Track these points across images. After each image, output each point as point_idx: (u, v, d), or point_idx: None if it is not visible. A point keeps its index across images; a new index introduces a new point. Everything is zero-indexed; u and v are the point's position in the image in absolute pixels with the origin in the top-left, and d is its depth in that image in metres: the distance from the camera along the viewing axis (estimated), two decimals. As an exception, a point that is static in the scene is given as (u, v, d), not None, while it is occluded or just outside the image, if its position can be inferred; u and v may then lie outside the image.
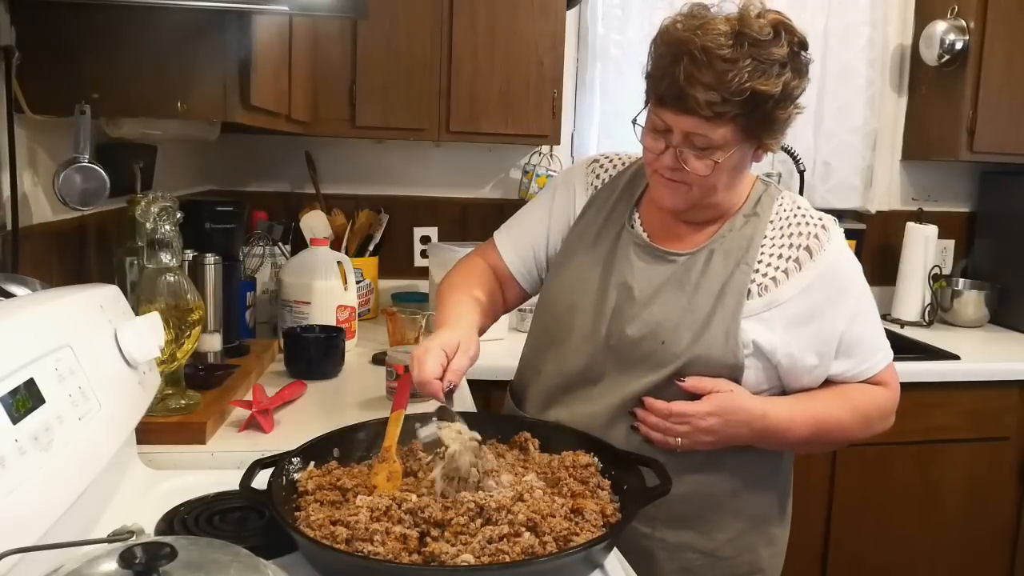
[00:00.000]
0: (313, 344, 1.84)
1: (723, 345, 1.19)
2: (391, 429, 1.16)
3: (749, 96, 1.11)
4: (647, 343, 1.22)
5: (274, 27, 1.57)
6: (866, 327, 1.27)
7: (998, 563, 2.44)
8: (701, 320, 1.20)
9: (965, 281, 2.89)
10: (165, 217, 1.30)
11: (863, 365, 1.28)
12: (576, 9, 2.58)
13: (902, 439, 2.30)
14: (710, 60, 1.10)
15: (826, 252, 1.22)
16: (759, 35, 1.11)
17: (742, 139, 1.17)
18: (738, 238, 1.25)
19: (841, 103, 2.76)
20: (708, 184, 1.20)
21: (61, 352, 0.93)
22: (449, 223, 2.67)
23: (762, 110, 1.14)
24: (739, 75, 1.09)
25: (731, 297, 1.20)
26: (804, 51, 1.16)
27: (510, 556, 0.87)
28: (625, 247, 1.29)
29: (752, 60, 1.10)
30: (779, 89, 1.12)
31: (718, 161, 1.17)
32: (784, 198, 1.30)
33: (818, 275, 1.21)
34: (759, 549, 1.32)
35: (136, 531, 0.93)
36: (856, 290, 1.26)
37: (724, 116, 1.13)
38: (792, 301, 1.21)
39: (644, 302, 1.24)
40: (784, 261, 1.22)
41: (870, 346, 1.28)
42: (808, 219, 1.26)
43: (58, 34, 1.28)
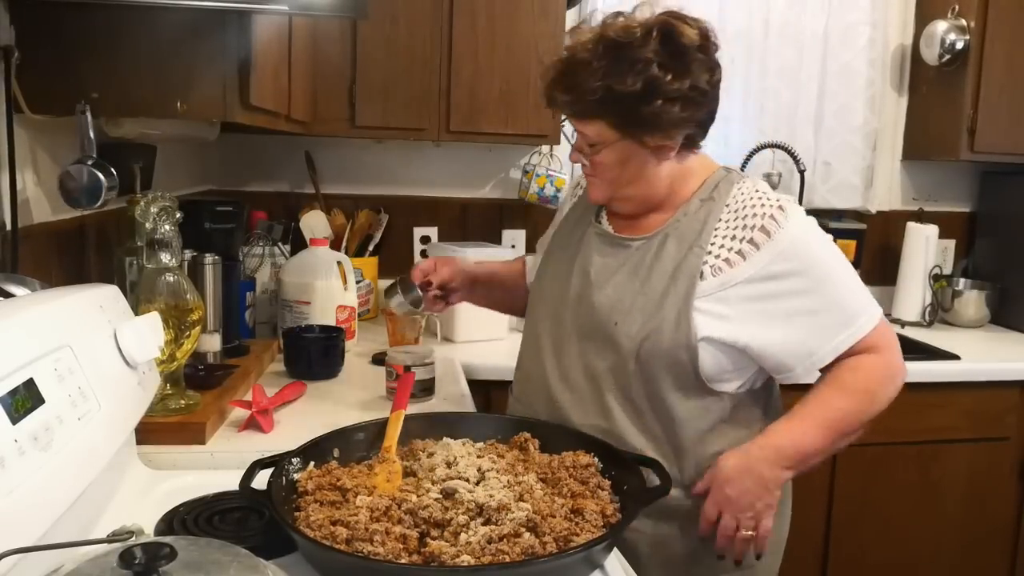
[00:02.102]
0: (313, 344, 1.84)
1: (674, 326, 1.22)
2: (391, 429, 1.16)
3: (604, 95, 1.19)
4: (602, 325, 1.27)
5: (274, 27, 1.56)
6: (837, 297, 1.25)
7: (998, 563, 2.44)
8: (654, 302, 1.24)
9: (965, 281, 2.88)
10: (165, 217, 1.30)
11: (843, 334, 1.24)
12: (576, 9, 2.58)
13: (902, 439, 2.31)
14: (569, 64, 1.22)
15: (784, 231, 1.22)
16: (621, 38, 1.19)
17: (619, 135, 1.23)
18: (692, 222, 1.28)
19: (841, 103, 2.76)
20: (608, 178, 1.29)
21: (61, 352, 0.92)
22: (449, 223, 2.67)
23: (625, 106, 1.19)
24: (591, 77, 1.19)
25: (683, 279, 1.23)
26: (689, 51, 1.20)
27: (510, 556, 0.87)
28: (589, 239, 1.36)
29: (608, 62, 1.18)
30: (639, 87, 1.17)
31: (601, 151, 1.25)
32: (745, 183, 1.30)
33: (778, 254, 1.21)
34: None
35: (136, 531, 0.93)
36: (821, 263, 1.25)
37: (586, 114, 1.23)
38: (751, 281, 1.22)
39: (600, 286, 1.30)
40: (738, 242, 1.23)
41: (847, 314, 1.25)
42: (765, 201, 1.25)
43: (58, 34, 1.28)
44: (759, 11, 2.67)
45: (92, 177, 1.29)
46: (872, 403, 1.26)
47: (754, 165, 2.72)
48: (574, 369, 1.31)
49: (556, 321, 1.35)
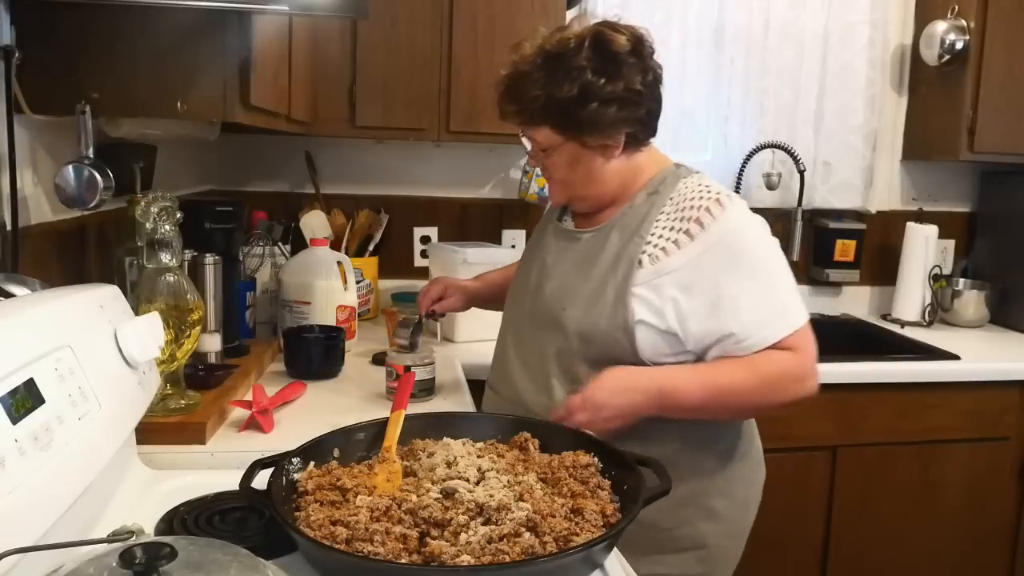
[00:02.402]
0: (313, 344, 1.84)
1: (612, 310, 1.31)
2: (391, 429, 1.16)
3: (545, 102, 1.30)
4: (552, 310, 1.38)
5: (274, 27, 1.57)
6: (768, 291, 1.30)
7: (998, 563, 2.44)
8: (595, 288, 1.34)
9: (965, 281, 2.89)
10: (165, 217, 1.30)
11: (763, 332, 1.28)
12: (576, 9, 2.58)
13: (902, 439, 2.31)
14: (513, 78, 1.34)
15: (719, 223, 1.28)
16: (556, 48, 1.30)
17: (563, 138, 1.34)
18: (635, 214, 1.36)
19: (841, 103, 2.76)
20: (560, 179, 1.39)
21: (61, 352, 0.93)
22: (449, 223, 2.67)
23: (564, 111, 1.30)
24: (532, 87, 1.30)
25: (622, 267, 1.32)
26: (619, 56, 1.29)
27: (510, 556, 0.87)
28: (548, 233, 1.50)
29: (547, 71, 1.30)
30: (575, 92, 1.28)
31: (550, 155, 1.36)
32: (692, 178, 1.37)
33: (710, 245, 1.27)
34: (697, 523, 1.37)
35: (136, 531, 0.93)
36: (753, 259, 1.30)
37: (532, 121, 1.34)
38: (682, 270, 1.28)
39: (552, 275, 1.42)
40: (675, 233, 1.30)
41: (770, 312, 1.29)
42: (705, 194, 1.32)
43: (58, 34, 1.28)
44: (759, 11, 2.68)
45: (87, 178, 1.29)
46: (771, 392, 1.30)
47: (754, 165, 2.72)
48: (531, 353, 1.42)
49: (519, 310, 1.48)
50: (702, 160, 2.75)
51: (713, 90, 2.70)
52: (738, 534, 1.45)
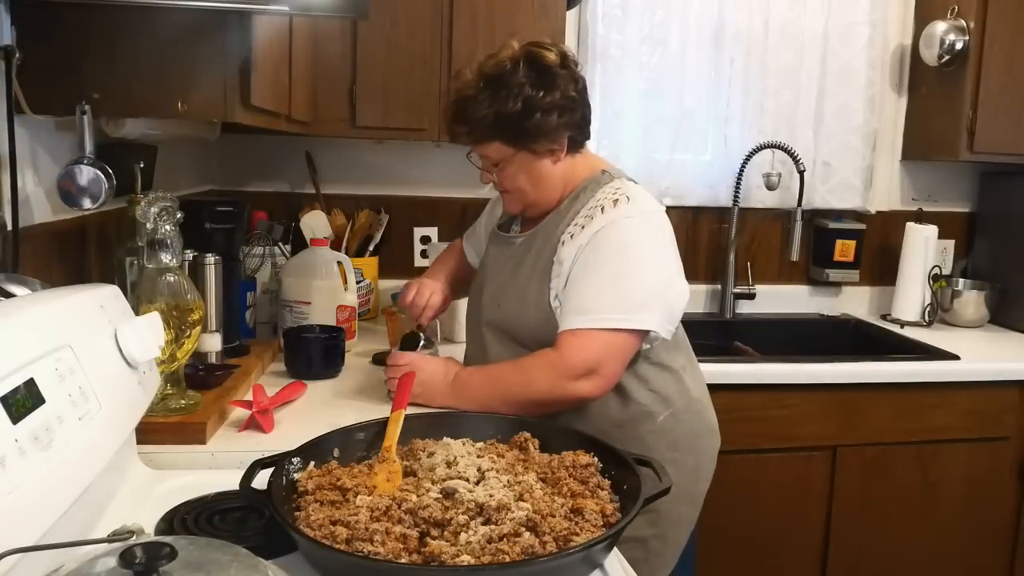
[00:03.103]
0: (313, 344, 1.84)
1: (536, 304, 1.47)
2: (391, 429, 1.16)
3: (494, 119, 1.44)
4: (491, 308, 1.56)
5: (274, 27, 1.57)
6: (590, 288, 1.41)
7: (998, 563, 2.44)
8: (521, 285, 1.51)
9: (965, 281, 2.88)
10: (165, 217, 1.30)
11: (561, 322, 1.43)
12: (576, 9, 2.58)
13: (902, 439, 2.31)
14: (459, 103, 1.49)
15: (605, 216, 1.42)
16: (495, 71, 1.44)
17: (513, 150, 1.47)
18: (557, 218, 1.52)
19: (841, 103, 2.76)
20: (514, 188, 1.53)
21: (61, 352, 0.93)
22: (449, 223, 2.67)
23: (512, 125, 1.44)
24: (479, 108, 1.44)
25: (541, 265, 1.48)
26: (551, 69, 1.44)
27: (510, 556, 0.87)
28: (491, 239, 1.68)
29: (489, 92, 1.43)
30: (519, 106, 1.42)
31: (505, 167, 1.49)
32: (612, 183, 1.50)
33: (591, 235, 1.42)
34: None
35: (136, 531, 0.93)
36: (608, 255, 1.41)
37: (484, 138, 1.48)
38: (571, 257, 1.43)
39: (493, 276, 1.59)
40: (575, 227, 1.45)
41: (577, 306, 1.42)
42: (610, 193, 1.46)
43: (58, 34, 1.28)
44: (759, 11, 2.67)
45: (90, 178, 1.29)
46: (520, 384, 1.43)
47: (754, 165, 2.72)
48: (479, 347, 1.60)
49: (472, 306, 1.67)
50: (702, 160, 2.75)
51: (713, 90, 2.70)
52: (689, 500, 1.57)
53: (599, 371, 1.41)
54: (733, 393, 2.14)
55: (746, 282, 2.81)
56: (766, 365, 2.25)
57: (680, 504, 1.51)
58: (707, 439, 1.61)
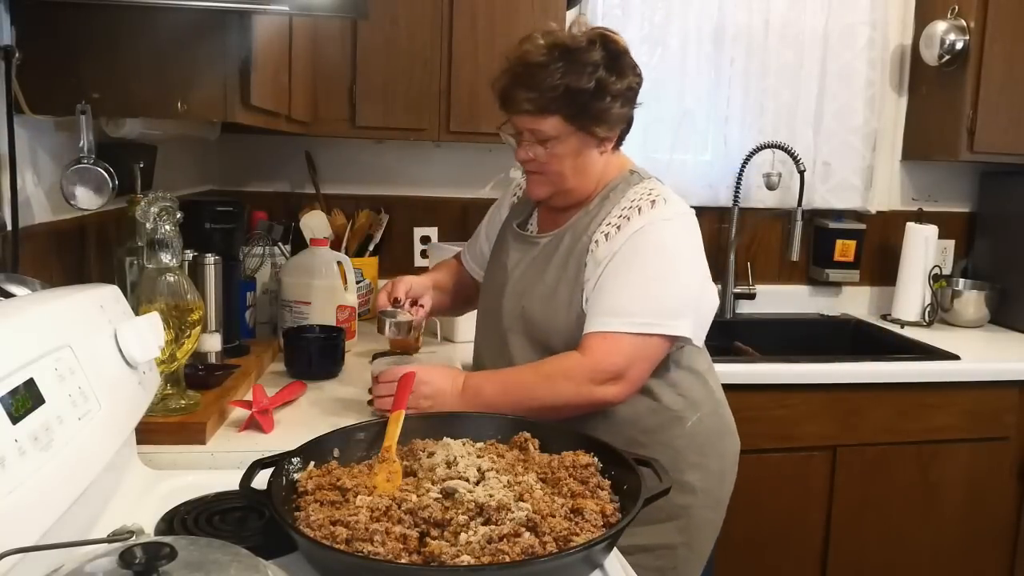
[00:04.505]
0: (313, 344, 1.84)
1: (568, 307, 1.42)
2: (391, 429, 1.16)
3: (564, 91, 1.36)
4: (514, 310, 1.49)
5: (274, 27, 1.57)
6: (621, 289, 1.37)
7: (998, 563, 2.44)
8: (550, 287, 1.45)
9: (965, 281, 2.89)
10: (165, 217, 1.30)
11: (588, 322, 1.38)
12: (576, 9, 2.58)
13: (902, 439, 2.31)
14: (526, 67, 1.38)
15: (642, 217, 1.39)
16: (572, 44, 1.37)
17: (572, 129, 1.40)
18: (587, 218, 1.47)
19: (841, 103, 2.76)
20: (555, 170, 1.44)
21: (61, 352, 0.93)
22: (449, 223, 2.67)
23: (579, 102, 1.37)
24: (551, 76, 1.35)
25: (572, 265, 1.43)
26: (622, 57, 1.40)
27: (510, 556, 0.87)
28: (509, 238, 1.59)
29: (564, 63, 1.36)
30: (592, 85, 1.36)
31: (556, 146, 1.40)
32: (643, 183, 1.47)
33: (627, 236, 1.38)
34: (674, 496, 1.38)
35: (136, 531, 0.93)
36: (644, 257, 1.38)
37: (546, 110, 1.38)
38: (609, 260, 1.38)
39: (515, 277, 1.52)
40: (610, 227, 1.41)
41: (607, 307, 1.37)
42: (644, 195, 1.42)
43: (58, 34, 1.28)
44: (759, 11, 2.68)
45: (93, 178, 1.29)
46: (543, 389, 1.37)
47: (754, 165, 2.72)
48: (497, 351, 1.53)
49: (488, 309, 1.58)
50: (702, 160, 2.75)
51: (713, 90, 2.70)
52: (716, 504, 1.52)
53: (626, 376, 1.36)
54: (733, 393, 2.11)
55: (746, 282, 2.81)
56: (766, 365, 2.25)
57: (707, 510, 1.49)
58: (729, 440, 1.57)
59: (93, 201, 1.30)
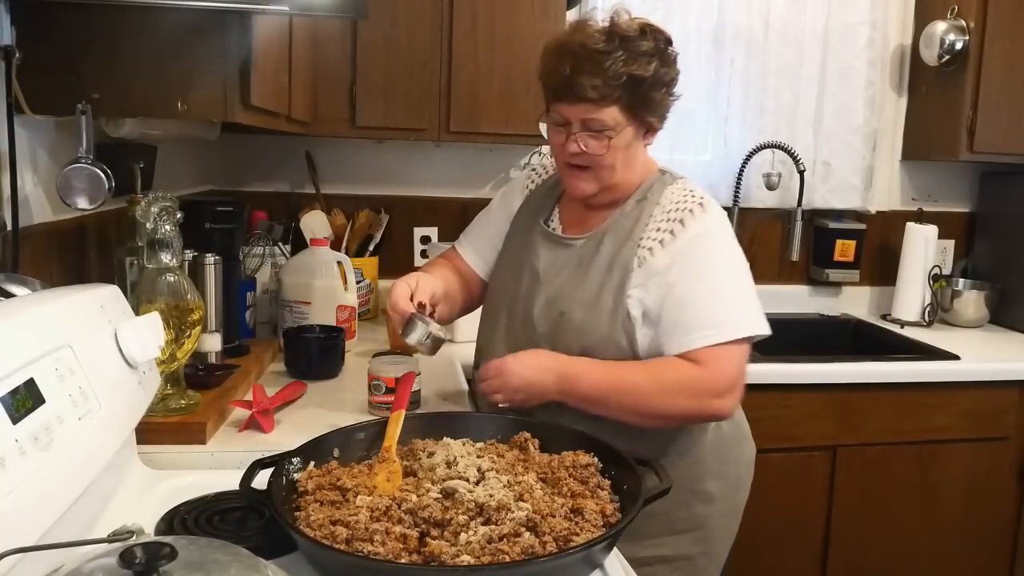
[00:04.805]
0: (313, 344, 1.84)
1: (612, 314, 1.36)
2: (391, 429, 1.16)
3: (626, 80, 1.32)
4: (549, 316, 1.41)
5: (274, 27, 1.57)
6: (705, 301, 1.34)
7: (998, 563, 2.44)
8: (593, 292, 1.38)
9: (965, 281, 2.89)
10: (165, 217, 1.30)
11: (685, 337, 1.33)
12: (576, 9, 2.58)
13: (902, 439, 2.31)
14: (589, 54, 1.32)
15: (697, 222, 1.36)
16: (628, 32, 1.33)
17: (629, 119, 1.36)
18: (626, 220, 1.41)
19: (841, 103, 2.76)
20: (607, 164, 1.38)
21: (61, 352, 0.93)
22: (449, 223, 2.66)
23: (640, 92, 1.34)
24: (615, 63, 1.31)
25: (617, 271, 1.37)
26: (670, 46, 1.38)
27: (510, 556, 0.87)
28: (536, 237, 1.50)
29: (624, 51, 1.32)
30: (651, 74, 1.33)
31: (612, 137, 1.35)
32: (677, 184, 1.44)
33: (686, 243, 1.35)
34: (693, 506, 1.42)
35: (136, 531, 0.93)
36: (713, 264, 1.36)
37: (609, 98, 1.33)
38: (665, 269, 1.34)
39: (548, 281, 1.44)
40: (662, 233, 1.37)
41: (703, 321, 1.33)
42: (690, 197, 1.39)
43: (58, 34, 1.28)
44: (759, 11, 2.68)
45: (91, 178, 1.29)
46: (662, 399, 1.33)
47: (754, 165, 2.72)
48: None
49: (510, 315, 1.49)
50: (702, 160, 2.75)
51: (713, 90, 2.70)
52: (732, 512, 1.50)
53: (738, 385, 1.35)
54: (733, 393, 2.14)
55: (746, 282, 2.81)
56: (766, 365, 2.25)
57: (724, 518, 1.48)
58: (746, 447, 1.56)
59: (89, 202, 1.30)
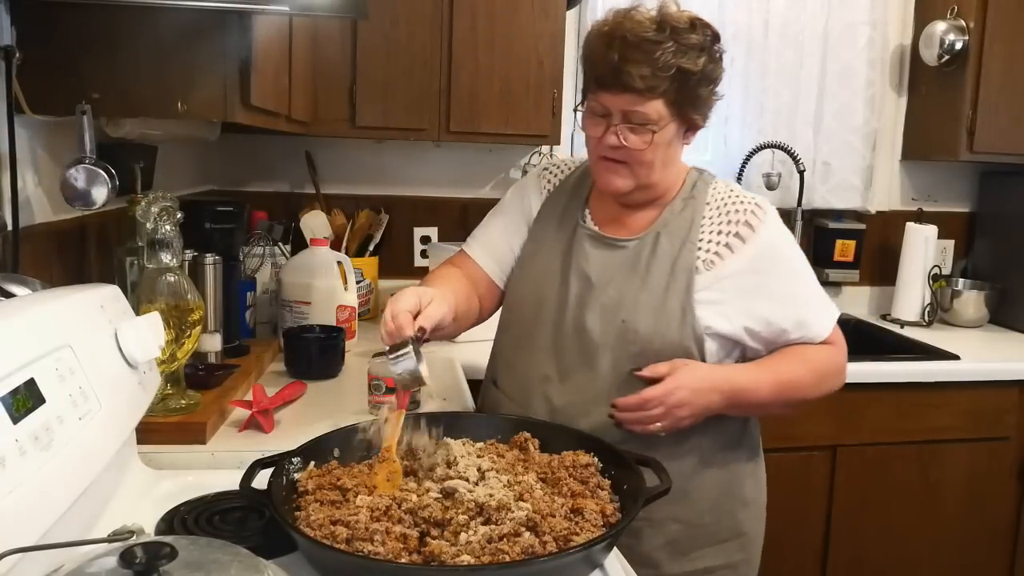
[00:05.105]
0: (313, 344, 1.84)
1: (680, 320, 1.30)
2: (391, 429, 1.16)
3: (675, 72, 1.25)
4: (608, 325, 1.32)
5: (274, 27, 1.57)
6: (811, 293, 1.37)
7: (998, 563, 2.44)
8: (657, 297, 1.31)
9: (965, 281, 2.89)
10: (165, 217, 1.30)
11: (815, 328, 1.35)
12: (576, 9, 2.58)
13: (902, 439, 2.31)
14: (639, 42, 1.24)
15: (766, 226, 1.33)
16: (678, 24, 1.26)
17: (673, 114, 1.29)
18: (680, 220, 1.35)
19: (841, 103, 2.76)
20: (646, 160, 1.31)
21: (61, 352, 0.93)
22: (449, 223, 2.67)
23: (687, 87, 1.27)
24: (664, 54, 1.24)
25: (681, 274, 1.31)
26: (717, 43, 1.31)
27: (510, 556, 0.87)
28: (580, 240, 1.39)
29: (674, 43, 1.25)
30: (700, 68, 1.26)
31: (654, 132, 1.28)
32: (718, 184, 1.40)
33: (763, 246, 1.32)
34: (735, 512, 1.40)
35: (136, 531, 0.93)
36: (795, 260, 1.36)
37: (656, 91, 1.26)
38: (741, 273, 1.31)
39: (602, 286, 1.34)
40: (726, 236, 1.32)
41: (821, 308, 1.37)
42: (742, 199, 1.36)
43: (58, 34, 1.28)
44: (759, 11, 2.68)
45: (94, 177, 1.29)
46: (819, 385, 1.37)
47: (754, 165, 2.72)
48: (576, 368, 1.34)
49: (557, 325, 1.36)
50: (702, 160, 2.75)
51: (713, 90, 2.70)
52: (763, 515, 1.48)
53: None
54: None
55: (746, 282, 2.81)
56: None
57: (757, 521, 1.46)
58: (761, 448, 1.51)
59: (93, 202, 1.30)
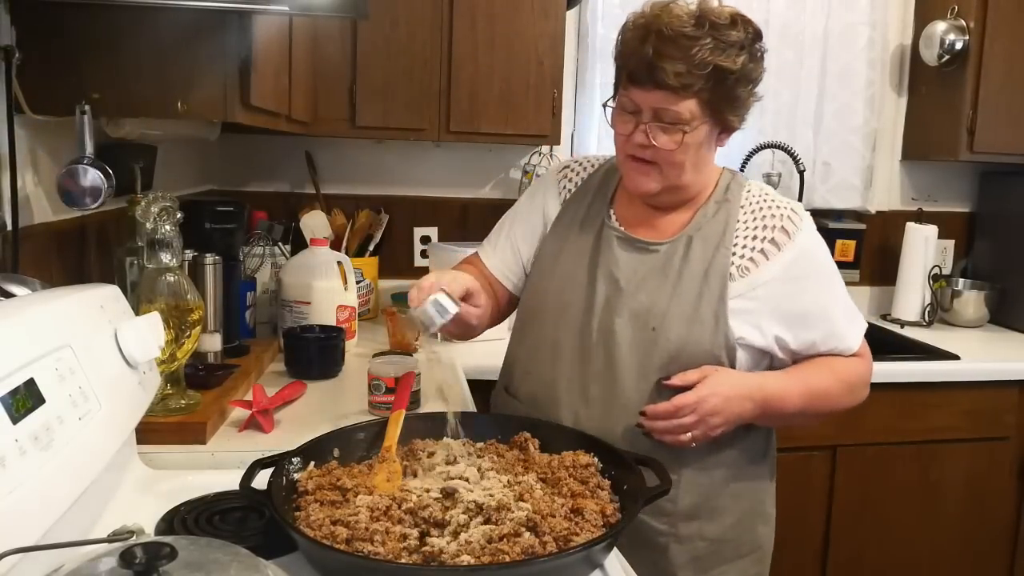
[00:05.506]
0: (313, 344, 1.84)
1: (714, 328, 1.25)
2: (391, 429, 1.16)
3: (712, 70, 1.19)
4: (638, 331, 1.27)
5: (274, 27, 1.57)
6: (843, 304, 1.34)
7: (998, 563, 2.44)
8: (690, 304, 1.26)
9: (965, 281, 2.89)
10: (165, 217, 1.30)
11: (845, 341, 1.33)
12: (576, 9, 2.58)
13: (902, 439, 2.31)
14: (675, 37, 1.19)
15: (802, 233, 1.29)
16: (718, 19, 1.20)
17: (706, 115, 1.23)
18: (713, 224, 1.30)
19: (841, 103, 2.76)
20: (676, 162, 1.25)
21: (61, 352, 0.93)
22: (449, 223, 2.67)
23: (724, 86, 1.21)
24: (701, 51, 1.18)
25: (715, 280, 1.26)
26: (759, 41, 1.25)
27: (510, 556, 0.87)
28: (608, 241, 1.33)
29: (712, 39, 1.19)
30: (738, 67, 1.21)
31: (686, 132, 1.22)
32: (751, 186, 1.36)
33: (798, 254, 1.28)
34: (756, 528, 1.38)
35: (136, 531, 0.93)
36: (830, 269, 1.33)
37: (690, 89, 1.20)
38: (775, 281, 1.27)
39: (632, 292, 1.29)
40: (761, 242, 1.28)
41: (851, 319, 1.34)
42: (778, 203, 1.32)
43: (58, 34, 1.28)
44: (759, 11, 2.67)
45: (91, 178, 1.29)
46: (849, 396, 1.35)
47: (754, 165, 2.72)
48: (601, 376, 1.29)
49: (582, 331, 1.31)
50: (702, 160, 2.75)
51: (713, 90, 2.70)
52: (774, 528, 1.45)
53: None
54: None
55: (746, 282, 2.81)
56: (766, 365, 2.25)
57: (772, 535, 1.43)
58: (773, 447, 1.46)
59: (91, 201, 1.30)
